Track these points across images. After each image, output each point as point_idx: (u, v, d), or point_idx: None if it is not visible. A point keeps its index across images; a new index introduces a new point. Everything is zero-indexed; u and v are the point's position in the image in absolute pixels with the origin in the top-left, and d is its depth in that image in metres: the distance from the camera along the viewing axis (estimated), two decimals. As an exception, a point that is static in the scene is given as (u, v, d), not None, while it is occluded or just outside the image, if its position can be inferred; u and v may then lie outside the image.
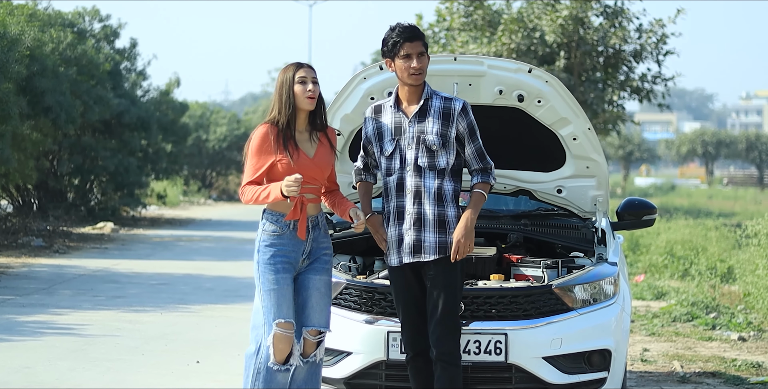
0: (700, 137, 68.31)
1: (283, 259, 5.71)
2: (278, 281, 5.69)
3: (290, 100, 5.71)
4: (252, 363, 5.77)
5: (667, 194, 47.27)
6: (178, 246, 19.03)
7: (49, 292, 12.26)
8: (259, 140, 5.71)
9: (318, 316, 5.77)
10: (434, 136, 5.80)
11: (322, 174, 5.82)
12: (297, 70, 5.73)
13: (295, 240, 5.74)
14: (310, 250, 5.79)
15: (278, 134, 5.71)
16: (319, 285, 5.79)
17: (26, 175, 18.17)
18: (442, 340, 5.72)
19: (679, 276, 14.61)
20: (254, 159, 5.71)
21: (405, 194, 5.84)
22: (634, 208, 7.25)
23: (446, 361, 5.72)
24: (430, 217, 5.80)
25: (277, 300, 5.67)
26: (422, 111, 5.84)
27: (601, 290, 6.22)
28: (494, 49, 21.25)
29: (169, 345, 9.11)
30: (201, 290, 12.93)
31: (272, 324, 5.66)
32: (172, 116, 26.64)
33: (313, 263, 5.81)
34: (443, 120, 5.81)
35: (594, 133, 6.77)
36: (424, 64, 5.78)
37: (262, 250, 5.73)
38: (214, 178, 41.24)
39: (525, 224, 6.99)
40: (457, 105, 5.84)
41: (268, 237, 5.74)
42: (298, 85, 5.71)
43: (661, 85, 22.42)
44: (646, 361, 8.89)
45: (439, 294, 5.75)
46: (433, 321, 5.75)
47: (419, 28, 5.92)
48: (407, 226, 5.82)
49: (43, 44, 17.45)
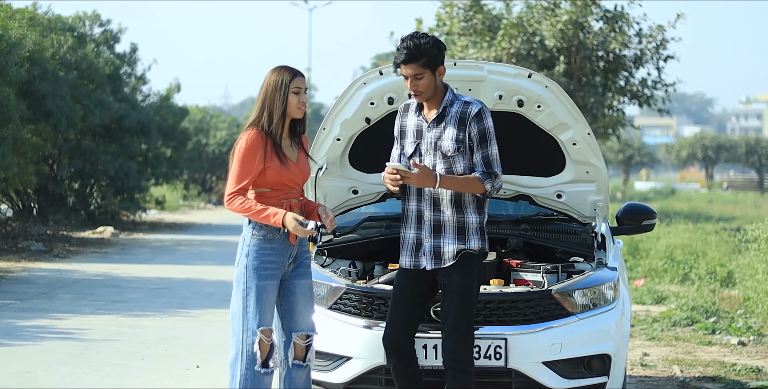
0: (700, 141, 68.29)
1: (273, 265, 5.70)
2: (266, 288, 5.68)
3: (283, 107, 5.71)
4: (237, 369, 5.71)
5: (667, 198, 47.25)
6: (178, 251, 19.04)
7: (49, 297, 12.26)
8: (251, 146, 5.66)
9: (306, 321, 5.79)
10: (450, 142, 5.77)
11: (305, 178, 5.84)
12: (293, 79, 5.70)
13: (285, 244, 5.73)
14: (297, 254, 5.80)
15: (267, 140, 5.69)
16: (305, 289, 5.81)
17: (26, 179, 18.16)
18: (454, 349, 5.70)
19: (678, 280, 14.61)
20: (244, 164, 5.66)
21: (423, 199, 5.83)
22: (634, 213, 7.25)
23: (457, 369, 5.70)
24: (449, 224, 5.79)
25: (263, 307, 5.66)
26: (440, 117, 5.82)
27: (600, 295, 6.22)
28: (494, 54, 21.26)
29: (169, 350, 9.11)
30: (201, 294, 12.93)
31: (256, 330, 5.64)
32: (172, 121, 26.64)
33: (297, 267, 5.81)
34: (459, 125, 5.78)
35: (594, 138, 6.77)
36: (419, 85, 5.72)
37: (252, 255, 5.69)
38: (214, 182, 41.23)
39: (525, 229, 6.99)
40: (473, 109, 5.78)
41: (258, 241, 5.70)
42: (293, 95, 5.70)
43: (661, 91, 22.43)
44: (645, 366, 8.88)
45: (452, 301, 5.73)
46: (446, 330, 5.72)
47: (419, 42, 5.70)
48: (426, 233, 5.81)
49: (43, 48, 17.46)
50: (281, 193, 5.74)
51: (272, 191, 5.73)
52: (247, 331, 5.68)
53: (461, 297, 5.72)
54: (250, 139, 5.67)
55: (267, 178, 5.69)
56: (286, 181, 5.72)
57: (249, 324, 5.66)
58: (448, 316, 5.73)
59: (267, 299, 5.68)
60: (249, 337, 5.67)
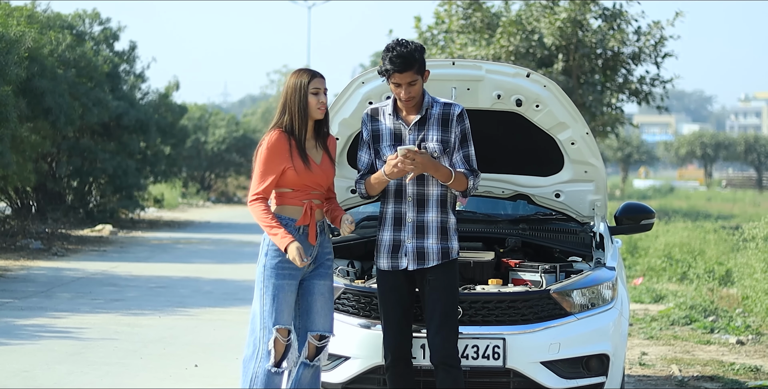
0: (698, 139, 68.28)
1: (291, 265, 5.73)
2: (283, 287, 5.72)
3: (304, 108, 5.76)
4: (250, 367, 5.78)
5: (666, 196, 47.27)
6: (176, 249, 19.03)
7: (48, 295, 12.26)
8: (274, 146, 5.74)
9: (322, 321, 5.82)
10: (435, 143, 5.81)
11: (328, 180, 5.88)
12: (311, 80, 5.77)
13: (304, 245, 5.76)
14: (317, 255, 5.82)
15: (290, 141, 5.75)
16: (324, 290, 5.83)
17: (25, 177, 18.16)
18: (444, 345, 5.74)
19: (677, 279, 14.61)
20: (267, 164, 5.74)
21: (405, 200, 5.85)
22: (633, 213, 7.26)
23: (448, 364, 5.74)
24: (433, 224, 5.81)
25: (279, 305, 5.71)
26: (422, 119, 5.85)
27: (599, 295, 6.22)
28: (493, 52, 21.25)
29: (167, 349, 9.11)
30: (200, 293, 12.92)
31: (272, 329, 5.69)
32: (171, 118, 26.64)
33: (317, 268, 5.85)
34: (443, 126, 5.83)
35: (592, 137, 6.77)
36: (413, 91, 5.76)
37: (271, 254, 5.75)
38: (213, 180, 41.24)
39: (523, 229, 6.99)
40: (456, 110, 5.85)
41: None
42: (312, 96, 5.76)
43: (659, 88, 22.43)
44: (644, 365, 8.89)
45: (438, 297, 5.76)
46: (434, 326, 5.76)
47: (409, 50, 5.74)
48: (408, 234, 5.83)
49: (41, 46, 17.45)
50: (303, 194, 5.78)
51: (293, 191, 5.79)
52: (264, 329, 5.73)
53: (446, 294, 5.76)
54: (273, 140, 5.75)
55: (288, 179, 5.75)
56: (308, 183, 5.77)
57: (266, 322, 5.72)
58: (434, 313, 5.76)
59: (284, 298, 5.72)
60: (265, 335, 5.72)
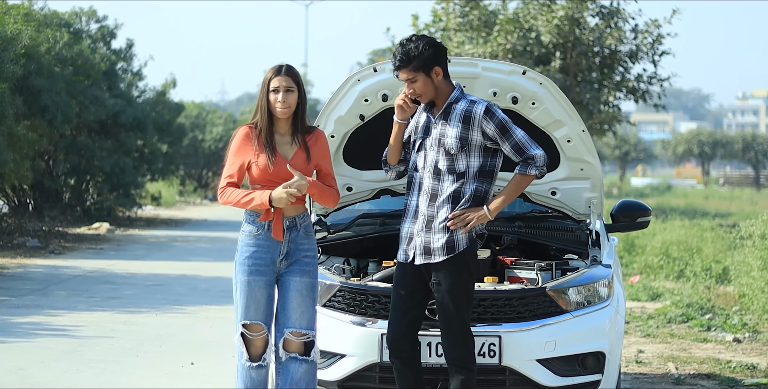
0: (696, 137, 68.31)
1: (257, 261, 5.75)
2: (249, 283, 5.75)
3: (266, 105, 5.80)
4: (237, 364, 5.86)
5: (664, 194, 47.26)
6: (173, 247, 19.02)
7: (44, 293, 12.25)
8: (239, 140, 5.81)
9: (297, 318, 5.79)
10: (453, 139, 5.78)
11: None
12: (272, 78, 5.80)
13: (271, 240, 5.77)
14: (288, 251, 5.81)
15: (257, 136, 5.79)
16: (299, 287, 5.80)
17: (22, 175, 18.14)
18: (452, 346, 5.74)
19: (674, 277, 14.61)
20: (233, 158, 5.80)
21: (421, 194, 5.85)
22: (629, 210, 7.26)
23: (458, 365, 5.73)
24: (441, 219, 5.79)
25: (245, 301, 5.75)
26: (445, 114, 5.84)
27: (595, 292, 6.22)
28: (490, 50, 21.23)
29: (163, 347, 9.10)
30: (196, 291, 12.92)
31: (239, 324, 5.75)
32: (168, 116, 26.63)
33: (292, 265, 5.82)
34: (463, 124, 5.79)
35: (588, 135, 6.76)
36: (415, 88, 5.78)
37: (240, 250, 5.81)
38: (210, 178, 41.19)
39: (519, 226, 6.98)
40: (479, 108, 5.79)
41: (245, 237, 5.80)
42: (272, 94, 5.79)
43: (657, 86, 22.42)
44: (640, 363, 8.89)
45: (442, 300, 5.75)
46: (441, 327, 5.77)
47: (408, 48, 5.78)
48: (419, 227, 5.82)
49: (38, 44, 17.43)
50: (270, 189, 5.75)
51: (262, 187, 5.79)
52: (237, 325, 5.79)
53: (450, 295, 5.73)
54: (237, 134, 5.84)
55: (253, 174, 5.80)
56: (273, 178, 5.76)
57: (238, 318, 5.79)
58: (440, 316, 5.78)
59: (252, 294, 5.74)
60: (235, 331, 5.78)
